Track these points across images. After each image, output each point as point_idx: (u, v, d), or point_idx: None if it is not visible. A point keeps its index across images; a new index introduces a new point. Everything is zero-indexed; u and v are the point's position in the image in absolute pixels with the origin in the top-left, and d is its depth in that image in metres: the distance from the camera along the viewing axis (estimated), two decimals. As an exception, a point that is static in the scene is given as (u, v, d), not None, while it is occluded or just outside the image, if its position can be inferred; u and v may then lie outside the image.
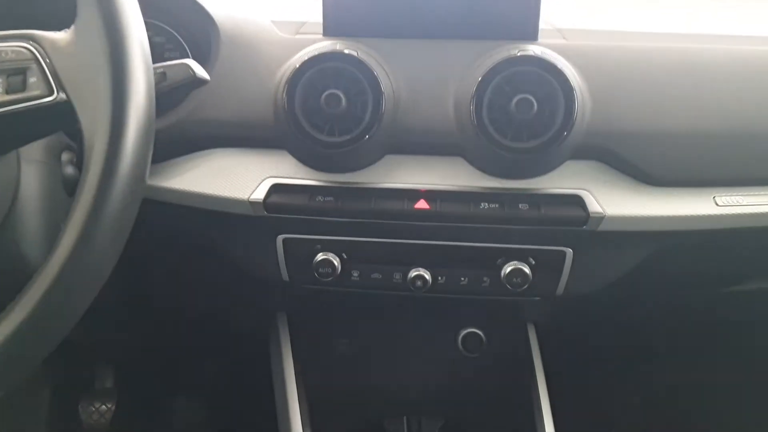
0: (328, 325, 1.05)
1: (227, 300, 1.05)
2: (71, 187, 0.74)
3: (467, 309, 1.02)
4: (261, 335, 1.11)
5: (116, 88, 0.52)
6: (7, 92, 0.53)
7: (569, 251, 0.83)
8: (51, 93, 0.53)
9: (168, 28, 0.87)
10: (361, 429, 1.02)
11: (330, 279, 0.86)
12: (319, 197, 0.82)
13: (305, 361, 1.00)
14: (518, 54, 0.77)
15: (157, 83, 0.70)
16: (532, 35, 0.84)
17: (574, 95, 0.76)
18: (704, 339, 1.19)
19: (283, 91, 0.78)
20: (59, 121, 0.56)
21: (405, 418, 1.01)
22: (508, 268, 0.84)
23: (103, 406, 1.51)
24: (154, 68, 0.70)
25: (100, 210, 0.49)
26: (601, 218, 0.80)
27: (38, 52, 0.53)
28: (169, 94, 0.81)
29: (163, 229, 0.92)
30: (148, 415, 1.53)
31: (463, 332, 1.06)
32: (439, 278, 0.86)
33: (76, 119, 0.52)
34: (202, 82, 0.68)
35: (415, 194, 0.81)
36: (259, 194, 0.81)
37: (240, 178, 0.83)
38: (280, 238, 0.85)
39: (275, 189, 0.82)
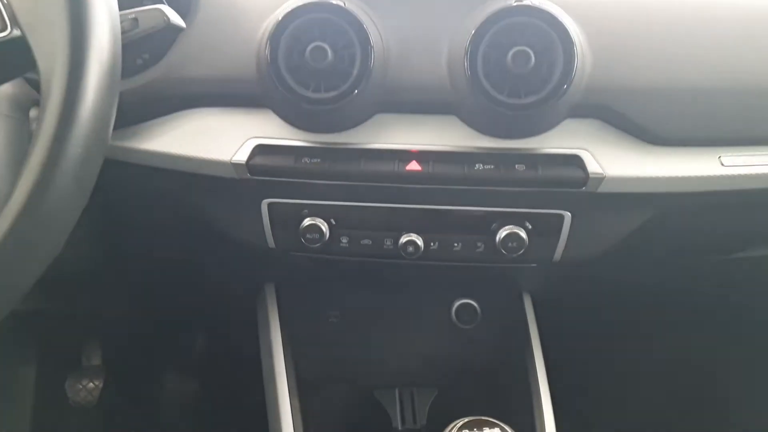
0: (317, 296, 1.01)
1: (213, 269, 1.02)
2: None
3: (461, 279, 0.99)
4: (249, 307, 1.08)
5: (75, 27, 0.47)
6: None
7: (567, 215, 0.80)
8: (4, 28, 0.48)
9: None
10: (351, 400, 1.00)
11: (318, 245, 0.82)
12: (305, 159, 0.78)
13: (294, 332, 0.97)
14: (515, 4, 0.73)
15: (129, 30, 0.65)
16: None
17: (573, 48, 0.72)
18: (705, 309, 1.16)
19: (266, 45, 0.74)
20: (15, 62, 0.51)
21: (396, 389, 0.98)
22: (503, 233, 0.80)
23: (91, 384, 1.49)
24: (126, 14, 0.66)
25: (58, 155, 0.45)
26: (600, 179, 0.76)
27: None
28: (148, 49, 0.78)
29: (143, 193, 0.88)
30: (136, 392, 1.50)
31: (457, 303, 1.03)
32: (432, 244, 0.83)
33: (32, 60, 0.48)
34: (177, 29, 0.64)
35: (406, 155, 0.78)
36: (242, 155, 0.78)
37: (222, 138, 0.79)
38: (265, 202, 0.82)
39: (259, 150, 0.78)
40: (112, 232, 0.91)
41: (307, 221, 0.81)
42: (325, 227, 0.81)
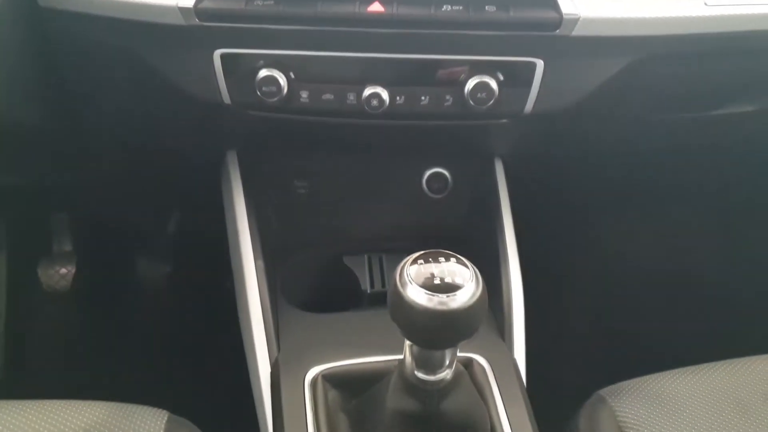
0: (284, 167, 0.98)
1: (174, 134, 0.96)
2: None
3: (431, 145, 0.95)
4: (214, 181, 1.04)
5: None
6: None
7: (540, 62, 0.75)
8: None
9: None
10: (320, 266, 0.99)
11: (275, 100, 0.77)
12: (258, 0, 0.72)
13: (260, 201, 0.94)
14: None
15: None
16: None
17: None
18: (681, 174, 1.14)
19: None
20: None
21: (366, 255, 0.97)
22: (472, 83, 0.76)
23: (63, 269, 1.47)
24: None
25: None
26: (575, 21, 0.71)
27: None
28: None
29: (93, 50, 0.82)
30: (109, 278, 1.49)
31: (428, 173, 1.00)
32: (398, 98, 0.78)
33: None
34: None
35: None
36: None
37: (166, -20, 0.72)
38: (218, 53, 0.76)
39: None
40: (67, 92, 0.86)
41: (263, 72, 0.76)
42: (282, 80, 0.76)
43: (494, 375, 0.76)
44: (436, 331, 0.53)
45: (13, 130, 0.88)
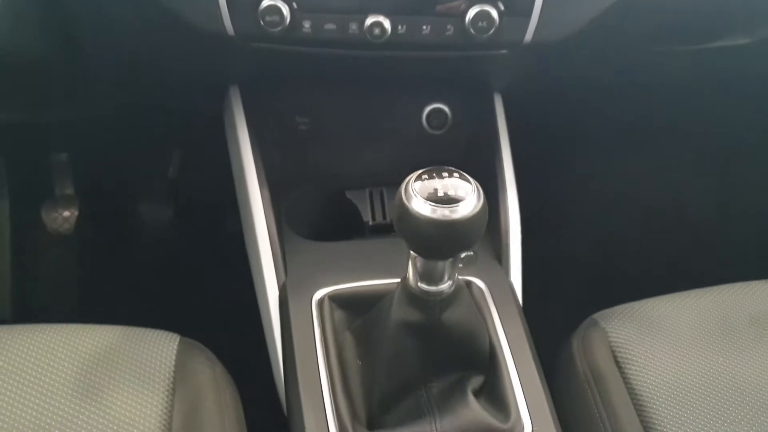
0: (285, 101, 0.99)
1: (177, 68, 0.97)
2: None
3: (431, 79, 0.96)
4: (216, 119, 1.05)
5: None
6: None
7: None
8: None
9: None
10: (322, 199, 1.01)
11: (279, 30, 0.78)
12: None
13: (262, 137, 0.96)
14: None
15: None
16: None
17: None
18: (676, 108, 1.16)
19: None
20: None
21: (367, 189, 0.99)
22: (473, 12, 0.77)
23: (66, 212, 1.49)
24: None
25: None
26: None
27: None
28: None
29: None
30: (112, 220, 1.52)
31: (428, 108, 1.01)
32: (399, 27, 0.79)
33: None
34: None
35: None
36: None
37: None
38: None
39: None
40: (69, 23, 0.86)
41: (266, 2, 0.76)
42: (285, 9, 0.77)
43: (492, 297, 0.79)
44: (439, 241, 0.55)
45: (14, 62, 0.88)
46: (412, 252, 0.60)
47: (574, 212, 1.39)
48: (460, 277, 0.65)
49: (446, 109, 1.01)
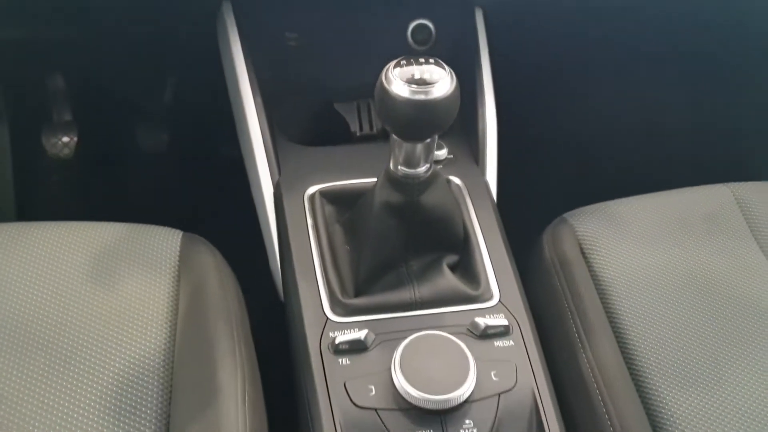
0: (274, 16, 1.03)
1: None
2: None
3: None
4: (209, 37, 1.09)
5: None
6: None
7: None
8: None
9: None
10: (311, 112, 1.07)
11: None
12: None
13: (254, 50, 1.00)
14: None
15: None
16: None
17: None
18: (654, 32, 1.21)
19: None
20: None
21: (355, 102, 1.04)
22: None
23: (66, 137, 1.54)
24: None
25: None
26: None
27: None
28: None
29: None
30: (111, 146, 1.57)
31: (413, 24, 1.05)
32: None
33: None
34: None
35: None
36: None
37: None
38: None
39: None
40: None
41: None
42: None
43: (468, 193, 0.86)
44: (416, 121, 0.62)
45: None
46: (393, 136, 0.66)
47: (551, 126, 1.45)
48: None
49: (430, 24, 1.05)
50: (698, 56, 1.31)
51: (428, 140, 0.65)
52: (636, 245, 0.90)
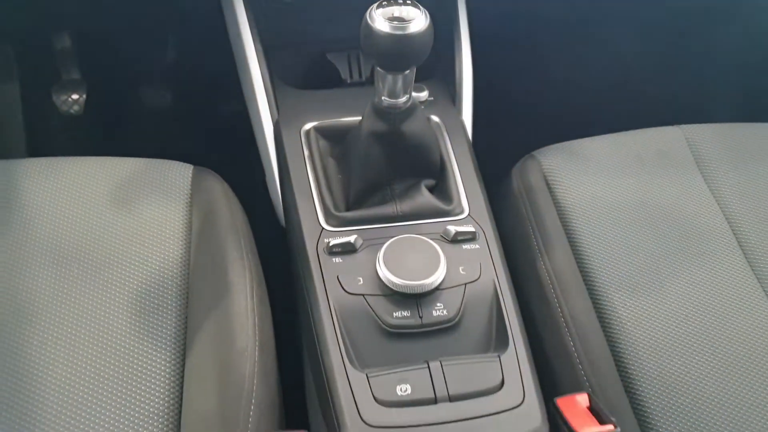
0: None
1: None
2: None
3: None
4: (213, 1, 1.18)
5: None
6: None
7: None
8: None
9: None
10: (305, 61, 1.17)
11: None
12: None
13: (255, 9, 1.10)
14: None
15: None
16: None
17: None
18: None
19: None
20: None
21: (347, 52, 1.15)
22: None
23: (75, 95, 1.63)
24: None
25: None
26: None
27: None
28: None
29: None
30: (119, 102, 1.66)
31: None
32: None
33: None
34: None
35: None
36: None
37: None
38: None
39: None
40: None
41: None
42: None
43: (446, 129, 0.97)
44: (396, 52, 0.72)
45: None
46: (378, 69, 0.77)
47: (526, 74, 1.57)
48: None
49: None
50: (668, 9, 1.43)
51: (407, 72, 0.76)
52: (595, 177, 1.01)
